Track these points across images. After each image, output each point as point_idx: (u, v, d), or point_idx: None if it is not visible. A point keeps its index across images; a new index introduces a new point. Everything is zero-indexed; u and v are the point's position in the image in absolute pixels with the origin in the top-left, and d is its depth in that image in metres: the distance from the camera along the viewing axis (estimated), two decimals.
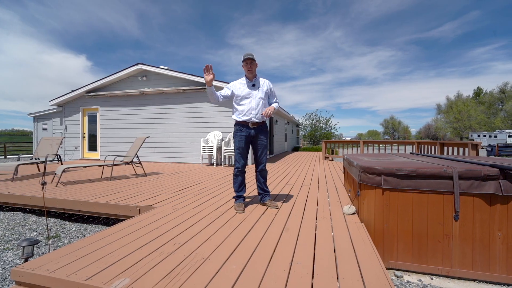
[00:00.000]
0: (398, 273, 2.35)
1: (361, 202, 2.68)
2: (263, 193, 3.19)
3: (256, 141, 3.07)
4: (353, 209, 2.84)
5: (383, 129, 71.72)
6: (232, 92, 3.03)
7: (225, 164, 7.93)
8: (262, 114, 2.94)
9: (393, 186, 2.44)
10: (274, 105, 3.08)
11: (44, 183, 2.26)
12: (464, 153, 5.16)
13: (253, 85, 3.01)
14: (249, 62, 2.91)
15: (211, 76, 2.79)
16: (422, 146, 7.11)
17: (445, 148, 5.89)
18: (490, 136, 29.67)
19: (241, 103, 2.99)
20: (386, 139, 65.22)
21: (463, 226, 2.30)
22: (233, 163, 8.02)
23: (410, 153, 4.57)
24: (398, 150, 8.50)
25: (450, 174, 2.31)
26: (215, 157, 7.72)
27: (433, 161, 2.97)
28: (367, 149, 8.99)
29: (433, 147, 6.39)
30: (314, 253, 1.91)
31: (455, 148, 5.49)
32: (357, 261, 1.78)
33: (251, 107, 2.96)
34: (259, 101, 2.98)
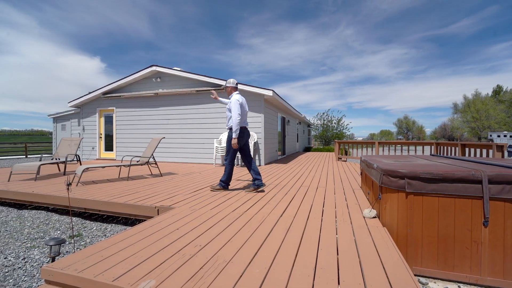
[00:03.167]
0: (423, 279, 2.28)
1: (382, 205, 2.61)
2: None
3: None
4: (374, 212, 2.77)
5: (397, 129, 70.14)
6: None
7: (237, 164, 7.94)
8: (227, 123, 3.99)
9: (417, 189, 2.36)
10: (232, 134, 3.83)
11: (69, 184, 2.32)
12: (487, 155, 4.96)
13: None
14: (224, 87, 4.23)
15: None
16: (441, 147, 6.88)
17: (467, 149, 5.67)
18: (511, 136, 28.45)
19: None
20: (400, 139, 63.72)
21: (493, 233, 2.20)
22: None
23: (431, 154, 4.43)
24: (415, 151, 8.27)
25: (479, 178, 2.21)
26: None
27: (458, 163, 2.86)
28: (383, 150, 8.79)
29: (453, 148, 6.17)
30: (337, 258, 1.87)
31: (478, 150, 5.28)
32: (383, 268, 1.73)
33: None
34: (226, 114, 4.02)
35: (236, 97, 3.89)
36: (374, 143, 8.93)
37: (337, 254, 1.93)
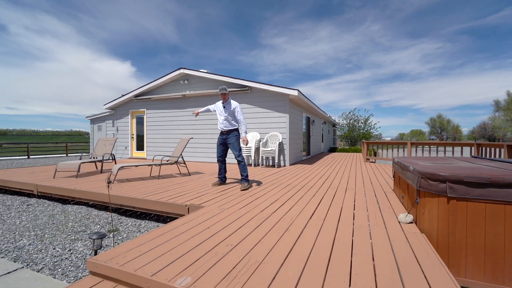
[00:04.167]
0: None
1: (420, 210, 2.46)
2: (241, 177, 4.40)
3: (227, 142, 4.47)
4: (410, 217, 2.62)
5: (429, 128, 65.80)
6: (214, 110, 4.64)
7: (262, 165, 7.95)
8: (224, 127, 4.44)
9: (460, 194, 2.20)
10: (243, 134, 4.41)
11: (109, 182, 2.47)
12: None
13: (224, 106, 4.45)
14: (221, 95, 4.41)
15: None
16: (483, 148, 6.34)
17: None
18: None
19: (218, 117, 4.53)
20: (432, 139, 59.91)
21: None
22: (271, 163, 8.02)
23: (472, 156, 4.10)
24: (452, 152, 7.70)
25: None
26: (253, 158, 7.80)
27: (507, 167, 2.62)
28: (415, 151, 8.31)
29: (497, 149, 5.66)
30: (373, 264, 1.79)
31: None
32: (425, 276, 1.63)
33: (220, 121, 4.50)
34: (224, 117, 4.42)
35: (236, 103, 4.47)
36: (406, 143, 8.47)
37: (373, 260, 1.85)
